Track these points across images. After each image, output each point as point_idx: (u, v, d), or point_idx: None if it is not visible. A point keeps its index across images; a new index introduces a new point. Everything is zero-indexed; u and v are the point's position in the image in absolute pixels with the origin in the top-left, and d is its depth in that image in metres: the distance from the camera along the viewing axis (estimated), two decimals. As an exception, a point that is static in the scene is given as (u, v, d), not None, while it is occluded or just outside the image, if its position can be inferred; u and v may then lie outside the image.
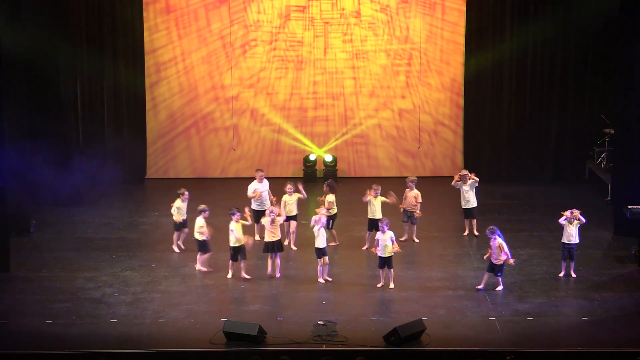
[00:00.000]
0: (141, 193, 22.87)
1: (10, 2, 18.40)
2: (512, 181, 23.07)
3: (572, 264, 16.74)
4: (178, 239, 18.22)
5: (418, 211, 18.42)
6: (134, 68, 22.83)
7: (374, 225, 17.60)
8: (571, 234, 16.62)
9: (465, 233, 18.93)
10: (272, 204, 18.07)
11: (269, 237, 16.75)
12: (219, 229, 19.03)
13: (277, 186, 20.82)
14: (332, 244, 18.10)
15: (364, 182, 20.71)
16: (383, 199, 17.89)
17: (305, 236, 18.30)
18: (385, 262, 16.11)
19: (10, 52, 17.78)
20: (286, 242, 18.10)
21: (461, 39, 23.19)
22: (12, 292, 16.02)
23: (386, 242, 16.03)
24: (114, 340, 14.06)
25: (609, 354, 13.62)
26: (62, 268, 17.17)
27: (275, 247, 16.79)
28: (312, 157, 23.49)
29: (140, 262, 17.57)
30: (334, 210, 18.14)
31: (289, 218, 18.20)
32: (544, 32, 22.63)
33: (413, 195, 18.53)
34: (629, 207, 17.66)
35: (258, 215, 18.14)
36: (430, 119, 23.70)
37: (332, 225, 18.05)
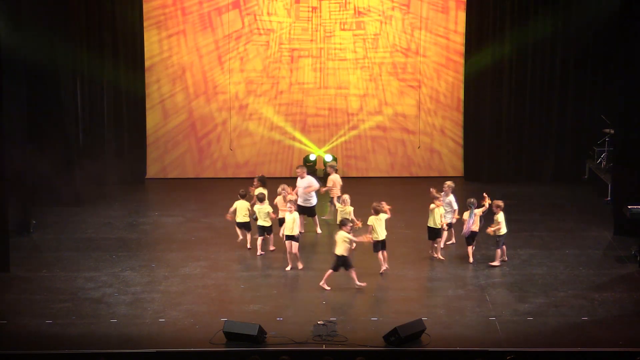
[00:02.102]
0: (141, 193, 22.88)
1: (11, 3, 18.39)
2: (512, 181, 23.07)
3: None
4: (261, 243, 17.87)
5: (334, 194, 19.13)
6: (133, 68, 22.84)
7: (436, 234, 17.55)
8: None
9: None
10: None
11: (281, 215, 17.75)
12: (218, 229, 19.11)
13: (277, 186, 20.84)
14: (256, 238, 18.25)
15: (364, 182, 20.82)
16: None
17: (305, 235, 18.34)
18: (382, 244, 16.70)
19: (11, 52, 17.77)
20: (288, 268, 17.12)
21: (461, 39, 23.21)
22: (12, 292, 16.00)
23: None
24: (114, 340, 14.04)
25: (609, 354, 13.61)
26: (62, 268, 17.16)
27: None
28: (312, 157, 23.49)
29: (140, 262, 17.56)
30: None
31: (288, 237, 17.09)
32: (544, 32, 22.64)
33: (331, 179, 19.31)
34: (629, 207, 17.66)
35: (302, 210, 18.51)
36: (430, 119, 23.70)
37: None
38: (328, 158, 23.40)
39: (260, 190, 18.21)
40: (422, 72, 23.43)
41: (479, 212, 17.29)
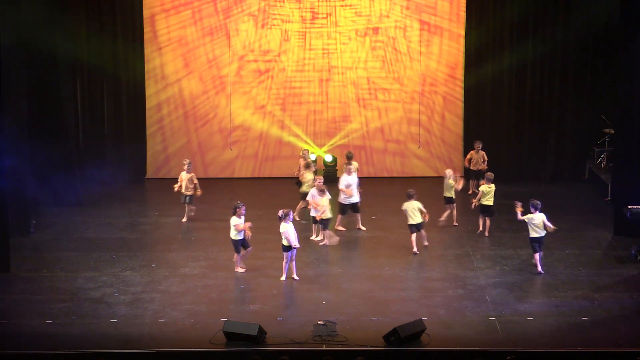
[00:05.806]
0: (141, 193, 22.87)
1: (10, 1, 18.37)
2: (512, 181, 23.06)
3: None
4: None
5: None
6: (134, 67, 22.84)
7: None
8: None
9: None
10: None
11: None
12: (218, 229, 19.08)
13: (277, 186, 20.86)
14: None
15: (364, 182, 20.71)
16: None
17: (305, 235, 18.36)
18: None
19: (10, 51, 17.76)
20: (282, 278, 16.67)
21: (462, 39, 23.21)
22: (12, 292, 16.00)
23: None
24: (114, 340, 14.04)
25: (609, 354, 13.61)
26: (62, 268, 17.16)
27: None
28: (312, 157, 23.48)
29: (140, 262, 17.56)
30: None
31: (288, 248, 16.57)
32: (544, 33, 22.65)
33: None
34: (629, 207, 17.66)
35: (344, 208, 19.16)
36: (431, 119, 23.71)
37: None
38: (328, 158, 23.41)
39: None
40: (423, 72, 23.43)
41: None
